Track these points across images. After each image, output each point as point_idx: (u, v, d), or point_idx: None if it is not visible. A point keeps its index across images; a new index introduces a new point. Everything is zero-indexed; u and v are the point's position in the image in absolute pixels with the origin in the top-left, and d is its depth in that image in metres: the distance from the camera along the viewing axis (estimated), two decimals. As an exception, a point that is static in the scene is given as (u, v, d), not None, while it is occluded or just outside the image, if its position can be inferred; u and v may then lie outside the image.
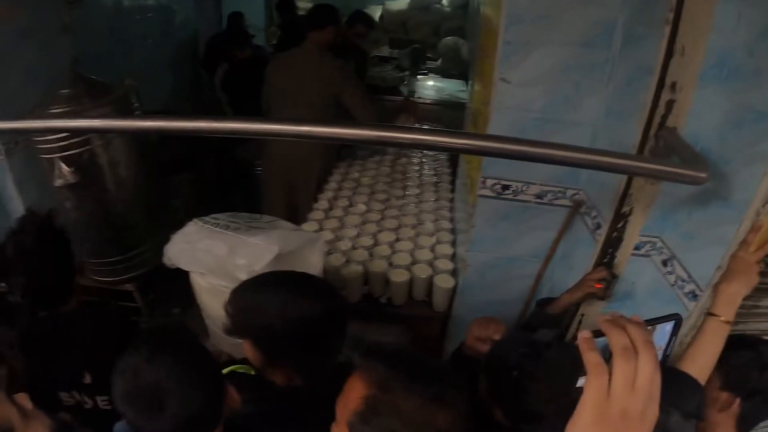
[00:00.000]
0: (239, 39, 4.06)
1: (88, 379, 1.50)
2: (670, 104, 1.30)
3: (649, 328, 0.64)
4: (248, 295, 1.17)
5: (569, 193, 1.77)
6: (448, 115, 4.09)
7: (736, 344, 1.25)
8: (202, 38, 4.80)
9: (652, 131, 1.33)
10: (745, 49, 1.16)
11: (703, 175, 1.09)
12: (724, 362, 1.24)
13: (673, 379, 1.15)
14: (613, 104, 1.57)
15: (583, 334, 0.57)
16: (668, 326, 0.67)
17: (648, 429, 0.55)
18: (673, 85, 1.27)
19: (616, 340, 0.56)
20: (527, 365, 1.09)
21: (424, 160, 3.31)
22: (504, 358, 1.14)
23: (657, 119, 1.32)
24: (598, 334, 0.57)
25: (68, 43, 2.70)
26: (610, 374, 0.55)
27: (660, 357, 0.65)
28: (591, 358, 0.56)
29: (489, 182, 1.76)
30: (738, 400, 1.25)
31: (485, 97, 1.79)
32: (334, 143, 3.01)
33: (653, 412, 0.55)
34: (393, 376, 0.89)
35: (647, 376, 0.54)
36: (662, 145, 1.32)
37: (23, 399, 1.07)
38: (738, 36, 1.18)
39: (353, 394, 0.92)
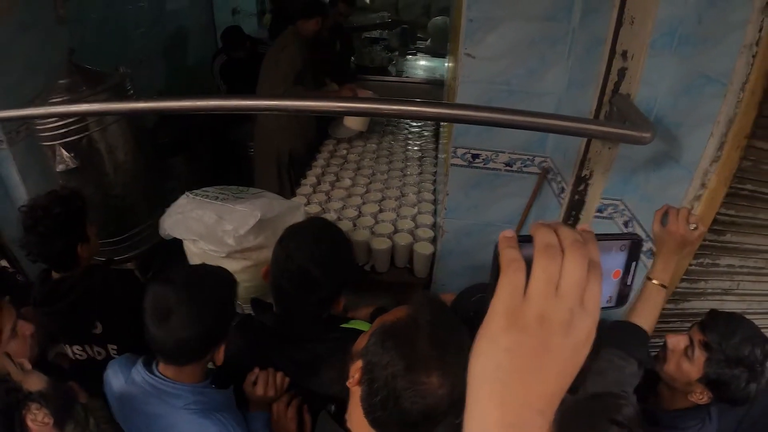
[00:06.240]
0: (234, 45, 4.15)
1: (98, 329, 1.67)
2: (622, 72, 1.37)
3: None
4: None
5: (537, 160, 1.85)
6: (437, 94, 4.13)
7: (729, 331, 1.22)
8: (193, 28, 4.82)
9: (606, 98, 1.41)
10: (694, 16, 1.24)
11: (647, 134, 1.17)
12: (714, 348, 1.22)
13: (628, 330, 1.22)
14: (575, 74, 1.65)
15: (505, 233, 0.49)
16: (623, 245, 0.53)
17: (576, 346, 0.44)
18: (624, 54, 1.34)
19: (540, 237, 0.46)
20: (482, 309, 1.18)
21: (409, 137, 3.39)
22: (464, 303, 1.23)
23: (610, 86, 1.39)
24: (527, 238, 0.48)
25: (65, 35, 2.77)
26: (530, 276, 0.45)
27: (616, 280, 0.55)
28: (507, 254, 0.47)
29: (460, 151, 1.85)
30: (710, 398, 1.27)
31: (455, 72, 1.87)
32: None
33: (586, 329, 0.44)
34: (434, 318, 0.91)
35: (574, 280, 0.44)
36: (615, 111, 1.40)
37: (24, 361, 1.20)
38: (688, 4, 1.25)
39: (392, 314, 0.95)
